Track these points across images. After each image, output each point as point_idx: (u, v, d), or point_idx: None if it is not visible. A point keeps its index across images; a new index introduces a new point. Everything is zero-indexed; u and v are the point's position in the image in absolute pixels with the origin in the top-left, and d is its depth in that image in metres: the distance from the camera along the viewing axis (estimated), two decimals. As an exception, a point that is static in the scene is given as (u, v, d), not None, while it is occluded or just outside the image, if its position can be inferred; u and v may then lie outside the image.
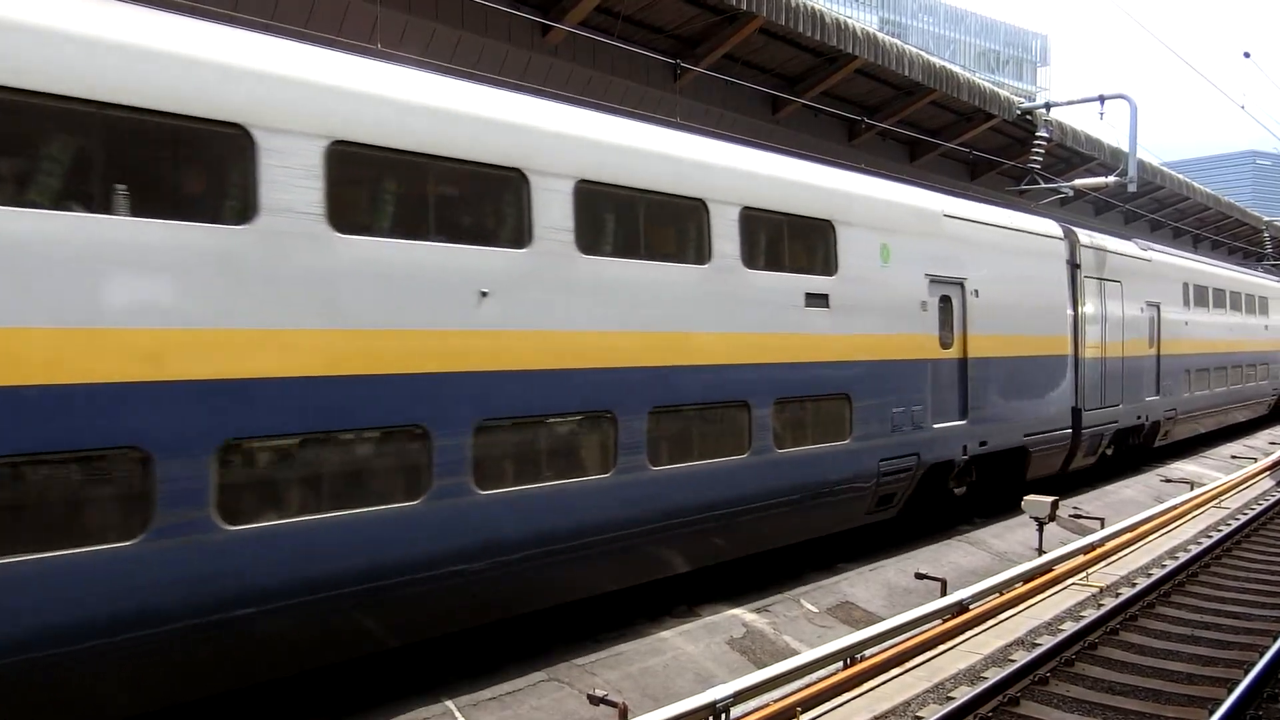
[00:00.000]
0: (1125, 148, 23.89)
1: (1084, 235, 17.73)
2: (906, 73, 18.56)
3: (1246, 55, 34.79)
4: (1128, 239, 20.61)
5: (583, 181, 8.42)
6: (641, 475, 8.84)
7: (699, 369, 9.44)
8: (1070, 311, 16.61)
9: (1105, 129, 35.73)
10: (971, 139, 22.55)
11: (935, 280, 12.92)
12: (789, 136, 17.68)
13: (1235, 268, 31.05)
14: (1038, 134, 22.58)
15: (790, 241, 10.89)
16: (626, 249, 9.06)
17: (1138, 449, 20.55)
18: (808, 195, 11.01)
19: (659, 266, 9.21)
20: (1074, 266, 16.80)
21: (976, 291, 13.74)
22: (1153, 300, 20.11)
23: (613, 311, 8.66)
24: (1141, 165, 25.52)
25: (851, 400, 11.32)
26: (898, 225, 12.38)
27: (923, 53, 19.46)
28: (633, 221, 9.24)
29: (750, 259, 10.03)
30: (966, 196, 16.59)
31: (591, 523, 8.44)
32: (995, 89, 22.18)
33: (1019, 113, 22.39)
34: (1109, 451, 18.93)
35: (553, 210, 8.15)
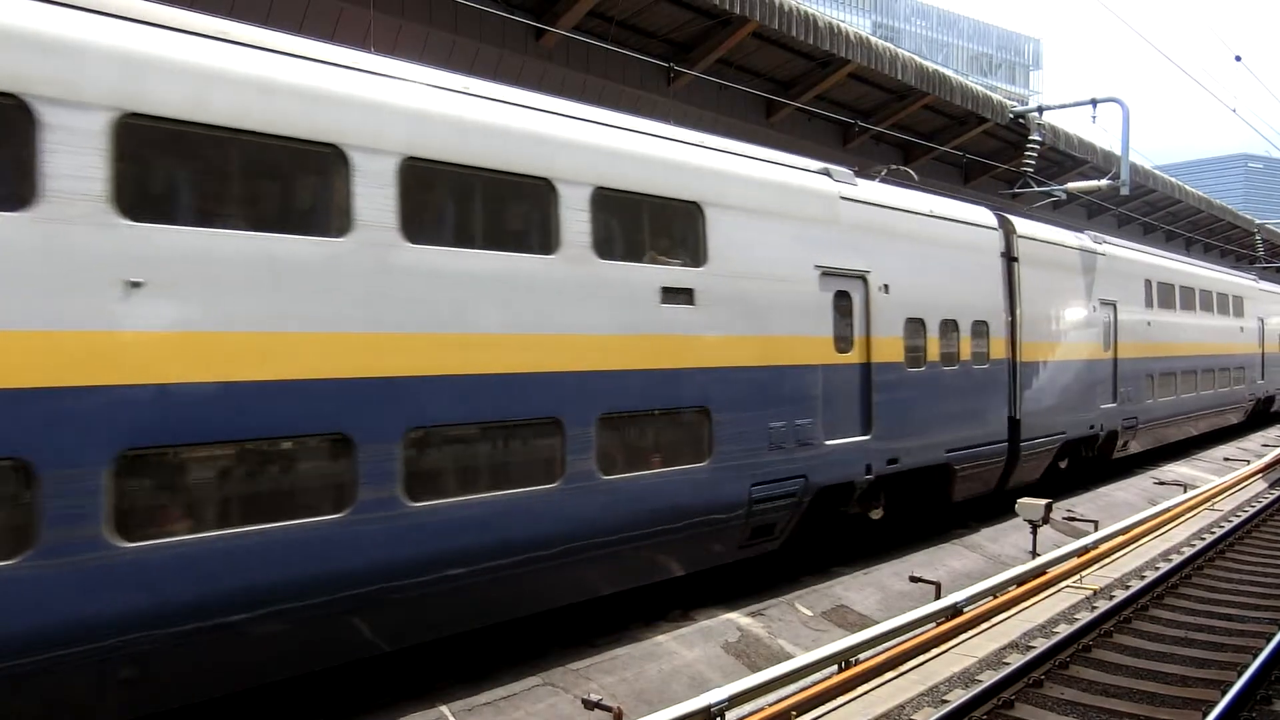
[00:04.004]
0: (1117, 151, 24.03)
1: None
2: (900, 77, 18.62)
3: (1238, 59, 35.08)
4: None
5: None
6: None
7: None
8: None
9: (1098, 132, 36.00)
10: (965, 143, 22.63)
11: None
12: (783, 140, 17.71)
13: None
14: (1030, 138, 22.67)
15: None
16: None
17: None
18: None
19: None
20: None
21: None
22: None
23: None
24: (1134, 168, 25.63)
25: None
26: None
27: (916, 57, 19.52)
28: None
29: None
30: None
31: None
32: (988, 93, 22.26)
33: (1012, 116, 22.47)
34: None
35: None
